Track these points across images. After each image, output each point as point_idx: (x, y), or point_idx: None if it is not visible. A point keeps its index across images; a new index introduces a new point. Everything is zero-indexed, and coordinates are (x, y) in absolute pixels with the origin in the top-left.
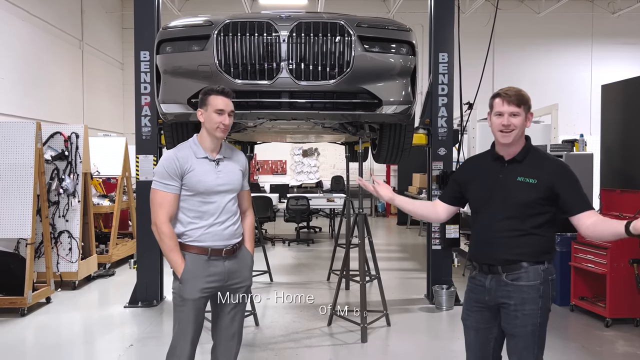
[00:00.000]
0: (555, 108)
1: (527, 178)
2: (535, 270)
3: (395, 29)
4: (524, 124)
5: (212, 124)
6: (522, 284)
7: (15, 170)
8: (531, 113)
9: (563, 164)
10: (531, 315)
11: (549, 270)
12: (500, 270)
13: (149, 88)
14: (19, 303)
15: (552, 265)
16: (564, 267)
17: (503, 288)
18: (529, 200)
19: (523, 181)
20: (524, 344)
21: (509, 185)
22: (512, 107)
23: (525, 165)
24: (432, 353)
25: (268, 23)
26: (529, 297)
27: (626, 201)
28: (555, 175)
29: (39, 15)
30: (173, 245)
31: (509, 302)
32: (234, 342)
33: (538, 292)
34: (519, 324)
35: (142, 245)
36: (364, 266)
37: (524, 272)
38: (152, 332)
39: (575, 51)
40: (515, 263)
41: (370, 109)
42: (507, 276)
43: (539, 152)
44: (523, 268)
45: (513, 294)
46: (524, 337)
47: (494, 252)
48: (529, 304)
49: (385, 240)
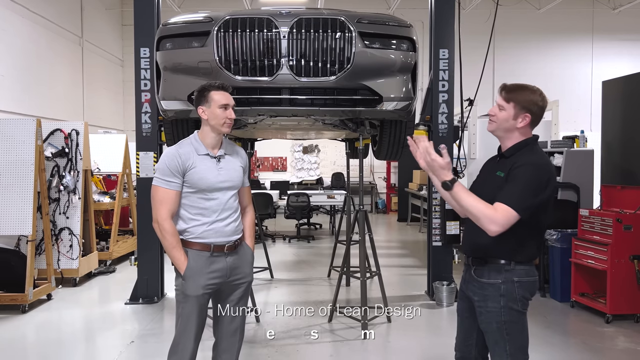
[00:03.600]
0: (556, 104)
1: (501, 172)
2: (498, 268)
3: (396, 25)
4: (508, 120)
5: (219, 120)
6: (484, 281)
7: (16, 167)
8: (527, 114)
9: (528, 164)
10: (493, 313)
11: (517, 272)
12: (470, 263)
13: (149, 85)
14: (20, 300)
15: (526, 266)
16: (564, 263)
17: (472, 282)
18: (493, 193)
19: (498, 175)
20: (494, 339)
21: (490, 180)
22: (499, 100)
23: (509, 161)
24: (432, 349)
25: (268, 19)
26: (489, 295)
27: (627, 197)
28: (513, 169)
29: (39, 12)
30: (175, 242)
31: (474, 298)
32: (236, 338)
33: (499, 290)
34: (484, 320)
35: (143, 242)
36: (364, 263)
37: (487, 269)
38: (153, 329)
39: (576, 47)
40: (481, 259)
41: (370, 105)
42: (475, 271)
43: (530, 151)
44: (487, 265)
45: (477, 290)
46: (491, 333)
47: (468, 245)
48: (490, 302)
49: (386, 237)
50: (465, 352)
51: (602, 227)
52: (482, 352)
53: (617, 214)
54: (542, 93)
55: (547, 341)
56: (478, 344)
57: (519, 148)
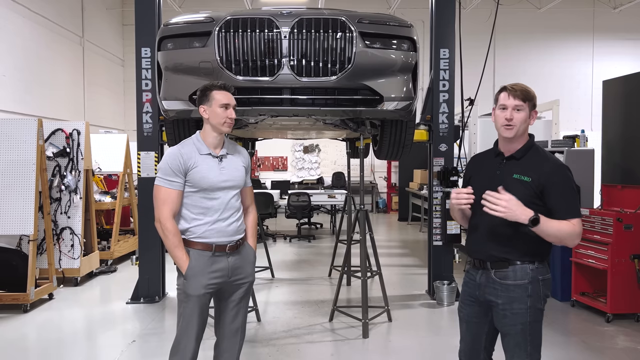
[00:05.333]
0: (557, 104)
1: (522, 176)
2: (524, 269)
3: (397, 25)
4: (527, 120)
5: (219, 119)
6: (509, 283)
7: (17, 167)
8: (535, 111)
9: (561, 167)
10: (520, 314)
11: (540, 270)
12: (489, 266)
13: (150, 85)
14: (21, 299)
15: (544, 265)
16: (564, 262)
17: (491, 286)
18: (521, 198)
19: (518, 179)
20: (515, 342)
21: (505, 182)
22: (517, 101)
23: (523, 163)
24: (433, 348)
25: (269, 19)
26: (516, 296)
27: (627, 197)
28: (549, 176)
29: (40, 12)
30: (177, 242)
31: (497, 301)
32: (238, 337)
33: (526, 291)
34: (508, 322)
35: (144, 241)
36: (365, 262)
37: (512, 271)
38: (155, 328)
39: (577, 47)
40: (504, 261)
41: (371, 105)
42: (495, 273)
43: (540, 151)
44: (511, 266)
45: (501, 292)
46: (514, 336)
47: (484, 248)
48: (516, 303)
49: (387, 236)
50: (473, 358)
51: (603, 227)
52: (489, 353)
53: (617, 214)
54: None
55: (547, 340)
56: (486, 346)
57: (528, 148)
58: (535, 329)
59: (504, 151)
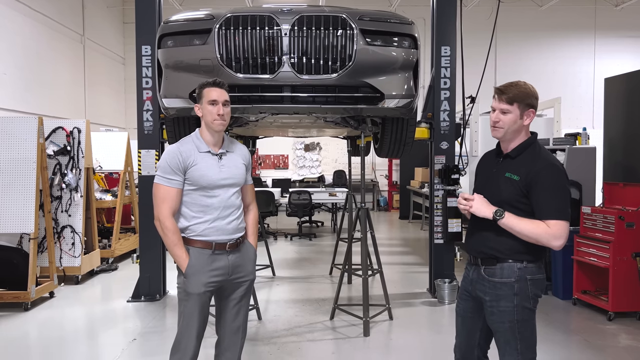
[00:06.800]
0: (558, 101)
1: (513, 174)
2: (511, 267)
3: (398, 22)
4: (516, 121)
5: (209, 117)
6: (496, 280)
7: (18, 165)
8: (532, 110)
9: (549, 166)
10: (506, 312)
11: (529, 270)
12: (479, 262)
13: (151, 83)
14: (22, 298)
15: (536, 265)
16: (566, 260)
17: (481, 282)
18: (509, 197)
19: (509, 177)
20: (505, 339)
21: (498, 180)
22: (502, 104)
23: (517, 162)
24: (434, 347)
25: (270, 17)
26: (502, 294)
27: (629, 194)
28: (534, 175)
29: (40, 10)
30: (177, 240)
31: (485, 298)
32: (239, 336)
33: (512, 289)
34: (496, 319)
35: (145, 239)
36: (366, 260)
37: (499, 269)
38: (155, 327)
39: (578, 44)
40: (492, 258)
41: (372, 102)
42: (484, 270)
43: (537, 150)
44: (499, 264)
45: (488, 289)
46: (503, 333)
47: (475, 244)
48: (503, 301)
49: (388, 235)
50: (467, 353)
51: (605, 225)
52: (483, 351)
53: (619, 212)
54: (529, 84)
55: (549, 339)
56: (481, 343)
57: (525, 147)
58: (526, 328)
59: (503, 150)
